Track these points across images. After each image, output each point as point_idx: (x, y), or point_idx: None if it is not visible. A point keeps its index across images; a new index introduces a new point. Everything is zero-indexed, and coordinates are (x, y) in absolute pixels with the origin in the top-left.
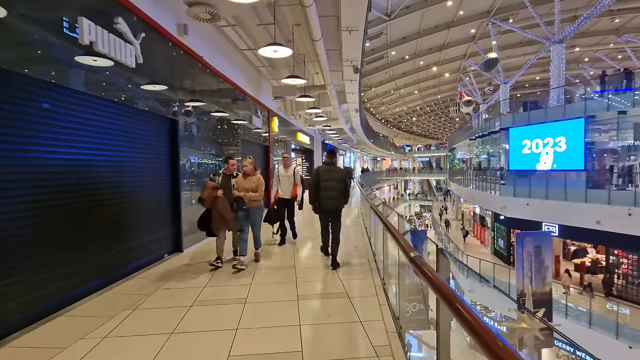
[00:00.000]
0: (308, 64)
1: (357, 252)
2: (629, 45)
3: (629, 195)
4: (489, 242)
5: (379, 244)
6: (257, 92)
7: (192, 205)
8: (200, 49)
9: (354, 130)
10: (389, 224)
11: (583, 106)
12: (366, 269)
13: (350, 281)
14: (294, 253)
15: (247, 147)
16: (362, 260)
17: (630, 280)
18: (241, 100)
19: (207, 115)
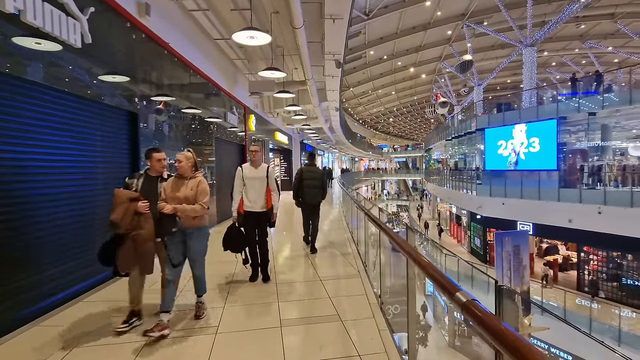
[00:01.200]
0: (287, 58)
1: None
2: (592, 51)
3: (599, 193)
4: (465, 241)
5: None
6: (233, 87)
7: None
8: (166, 34)
9: (333, 130)
10: (398, 238)
11: (555, 108)
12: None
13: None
14: (274, 295)
15: (221, 147)
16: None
17: (598, 275)
18: (214, 96)
19: (175, 110)
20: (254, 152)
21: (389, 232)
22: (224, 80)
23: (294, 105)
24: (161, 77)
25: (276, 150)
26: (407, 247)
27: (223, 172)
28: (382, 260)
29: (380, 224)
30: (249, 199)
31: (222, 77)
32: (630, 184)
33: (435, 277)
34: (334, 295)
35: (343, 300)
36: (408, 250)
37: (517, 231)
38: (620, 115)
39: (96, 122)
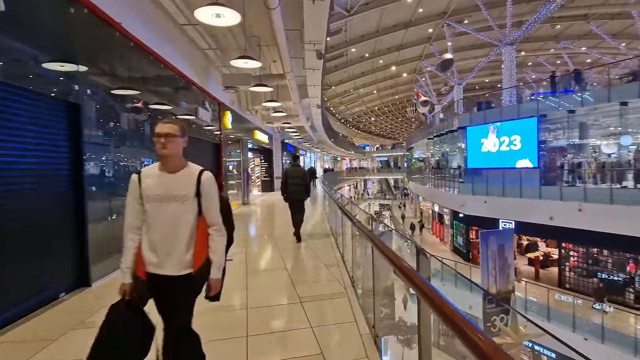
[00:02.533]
0: (265, 50)
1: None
2: (566, 52)
3: (579, 191)
4: (448, 239)
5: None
6: (205, 81)
7: (105, 220)
8: (117, 12)
9: (314, 129)
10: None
11: (536, 105)
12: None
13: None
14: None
15: (192, 145)
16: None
17: (579, 272)
18: (183, 89)
19: (132, 103)
20: (164, 137)
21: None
22: (194, 72)
23: (273, 101)
24: (114, 65)
25: (256, 150)
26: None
27: None
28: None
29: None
30: (150, 245)
31: (192, 69)
32: (609, 181)
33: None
34: (316, 325)
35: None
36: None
37: (502, 230)
38: (598, 112)
39: (22, 114)
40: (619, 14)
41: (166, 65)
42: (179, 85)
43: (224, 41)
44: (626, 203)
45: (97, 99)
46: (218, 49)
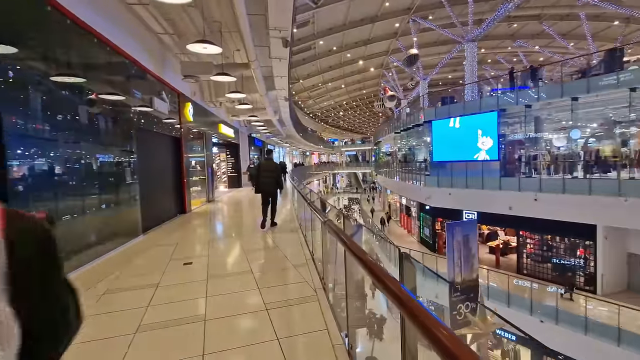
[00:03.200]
0: (227, 37)
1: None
2: (521, 50)
3: (535, 182)
4: (415, 231)
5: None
6: (161, 69)
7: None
8: None
9: (283, 123)
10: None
11: (496, 100)
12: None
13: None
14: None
15: (146, 139)
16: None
17: (534, 258)
18: (136, 77)
19: (70, 90)
20: None
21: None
22: (148, 58)
23: (237, 92)
24: (46, 44)
25: (222, 144)
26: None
27: (150, 169)
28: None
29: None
30: None
31: (145, 54)
32: (562, 172)
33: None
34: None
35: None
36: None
37: (466, 221)
38: (552, 107)
39: None
40: (568, 15)
41: (112, 47)
42: (131, 72)
43: (182, 25)
44: (576, 192)
45: (15, 80)
46: (175, 34)
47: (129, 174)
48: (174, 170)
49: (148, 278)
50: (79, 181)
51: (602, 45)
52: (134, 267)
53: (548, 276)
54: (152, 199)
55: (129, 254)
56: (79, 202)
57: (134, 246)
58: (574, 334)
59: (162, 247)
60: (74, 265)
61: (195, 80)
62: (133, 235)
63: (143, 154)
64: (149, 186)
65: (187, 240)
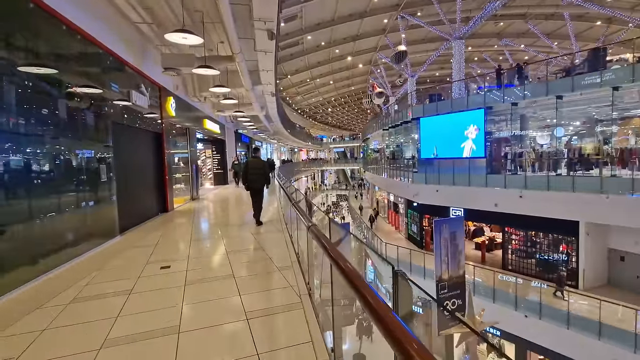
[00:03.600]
0: (210, 28)
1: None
2: (507, 48)
3: (520, 179)
4: (402, 228)
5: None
6: (140, 61)
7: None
8: None
9: (270, 119)
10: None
11: (483, 98)
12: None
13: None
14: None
15: (124, 134)
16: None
17: (519, 254)
18: (111, 68)
19: (36, 81)
20: None
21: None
22: (126, 49)
23: (222, 86)
24: (12, 31)
25: (207, 140)
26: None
27: (128, 165)
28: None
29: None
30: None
31: (123, 45)
32: (547, 169)
33: None
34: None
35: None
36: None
37: (454, 218)
38: (537, 105)
39: None
40: (552, 15)
41: (86, 38)
42: (106, 64)
43: (161, 14)
44: (560, 189)
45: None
46: (154, 23)
47: (105, 171)
48: (155, 167)
49: (121, 284)
50: (46, 179)
51: (584, 45)
52: (107, 271)
53: (532, 272)
54: (130, 197)
55: (103, 257)
56: (46, 202)
57: (110, 248)
58: (557, 328)
59: (140, 249)
60: (41, 269)
61: (176, 73)
62: (109, 236)
63: (121, 150)
64: (127, 184)
65: (167, 240)
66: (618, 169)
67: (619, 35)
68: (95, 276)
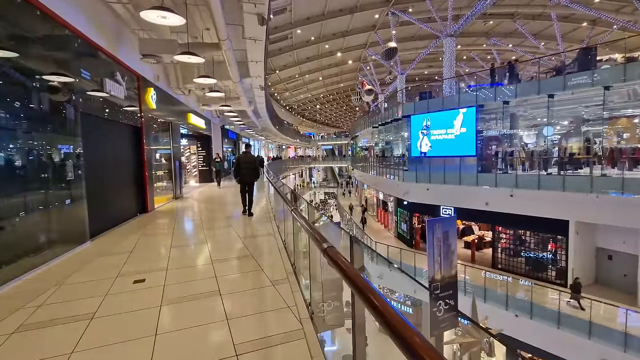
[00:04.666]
0: (194, 11)
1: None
2: (495, 48)
3: (511, 178)
4: (392, 226)
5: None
6: (115, 46)
7: None
8: None
9: (258, 115)
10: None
11: (475, 96)
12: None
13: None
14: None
15: (96, 127)
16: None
17: (509, 252)
18: (80, 53)
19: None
20: None
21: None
22: (97, 32)
23: (207, 77)
24: None
25: (192, 136)
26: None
27: (102, 162)
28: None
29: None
30: None
31: (93, 27)
32: (537, 168)
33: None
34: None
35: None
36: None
37: (447, 217)
38: (527, 104)
39: None
40: (540, 15)
41: (52, 18)
42: (74, 47)
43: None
44: (551, 188)
45: None
46: (130, 3)
47: (71, 168)
48: (134, 164)
49: (83, 305)
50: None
51: (570, 46)
52: (69, 287)
53: (522, 270)
54: (104, 197)
55: (66, 268)
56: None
57: (76, 256)
58: (548, 327)
59: (112, 257)
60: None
61: (156, 60)
62: (76, 242)
63: (92, 144)
64: (100, 182)
65: (144, 246)
66: (607, 169)
67: (603, 37)
68: (53, 293)
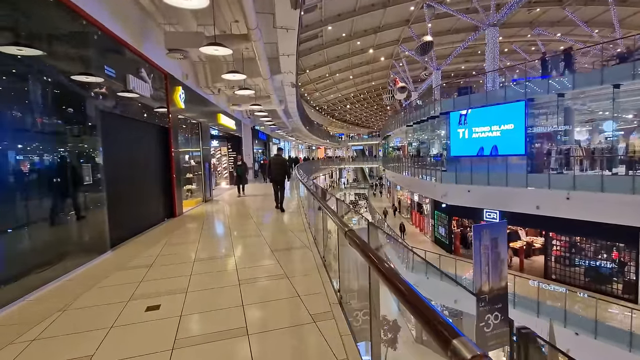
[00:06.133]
0: (222, 3)
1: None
2: (540, 38)
3: (567, 179)
4: (428, 230)
5: None
6: (140, 41)
7: None
8: None
9: (289, 114)
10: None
11: (524, 89)
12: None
13: None
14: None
15: (119, 128)
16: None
17: (563, 261)
18: (103, 47)
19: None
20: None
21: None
22: (122, 26)
23: (236, 72)
24: None
25: (222, 137)
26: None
27: (125, 164)
28: None
29: None
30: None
31: (117, 21)
32: (599, 168)
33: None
34: None
35: None
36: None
37: (496, 223)
38: (586, 97)
39: None
40: (592, 0)
41: (75, 11)
42: (95, 41)
43: None
44: (616, 191)
45: None
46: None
47: (89, 171)
48: (161, 166)
49: (82, 341)
50: (4, 186)
51: (627, 33)
52: (74, 313)
53: (580, 282)
54: (127, 203)
55: (81, 284)
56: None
57: (93, 269)
58: (617, 349)
59: (129, 272)
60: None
61: (183, 55)
62: (95, 253)
63: (114, 146)
64: (122, 187)
65: (166, 259)
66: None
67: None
68: (54, 321)
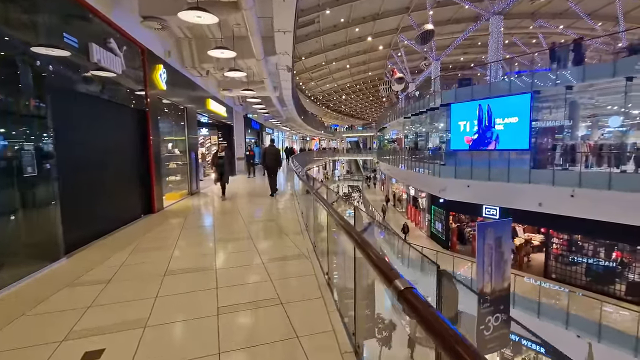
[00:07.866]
0: None
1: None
2: (541, 30)
3: (573, 175)
4: (424, 225)
5: None
6: (109, 6)
7: None
8: None
9: (283, 103)
10: None
11: (529, 80)
12: None
13: None
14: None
15: (78, 109)
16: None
17: (564, 260)
18: (62, 10)
19: None
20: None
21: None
22: None
23: (225, 48)
24: None
25: (212, 125)
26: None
27: (87, 153)
28: None
29: None
30: None
31: None
32: (607, 164)
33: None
34: None
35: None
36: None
37: (500, 221)
38: (594, 89)
39: None
40: None
41: None
42: (55, 3)
43: None
44: (625, 189)
45: None
46: None
47: (32, 161)
48: (137, 155)
49: None
50: None
51: (630, 26)
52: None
53: (580, 281)
54: (90, 198)
55: (13, 307)
56: None
57: (34, 285)
58: (622, 354)
59: (78, 291)
60: None
61: (160, 24)
62: (44, 261)
63: (73, 131)
64: (83, 179)
65: (131, 270)
66: None
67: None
68: None
